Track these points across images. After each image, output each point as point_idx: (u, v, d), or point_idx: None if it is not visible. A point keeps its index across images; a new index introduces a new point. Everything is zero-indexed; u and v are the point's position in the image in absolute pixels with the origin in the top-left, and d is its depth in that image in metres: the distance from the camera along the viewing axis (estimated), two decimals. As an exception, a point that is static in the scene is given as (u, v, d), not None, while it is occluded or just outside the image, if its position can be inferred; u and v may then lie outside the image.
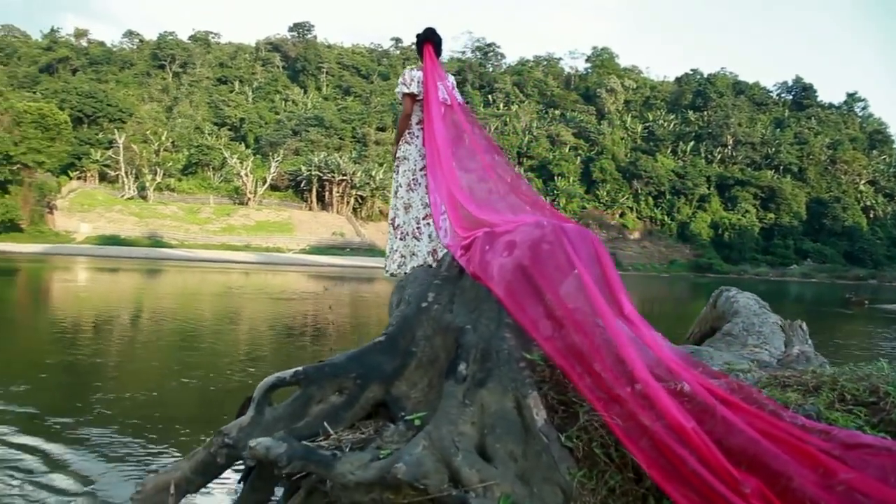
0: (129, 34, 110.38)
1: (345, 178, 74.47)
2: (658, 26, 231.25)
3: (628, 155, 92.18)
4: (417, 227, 4.68)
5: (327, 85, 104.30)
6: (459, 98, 4.84)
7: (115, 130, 74.26)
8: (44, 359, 9.63)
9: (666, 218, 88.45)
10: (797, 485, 2.15)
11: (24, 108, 60.90)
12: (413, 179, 4.70)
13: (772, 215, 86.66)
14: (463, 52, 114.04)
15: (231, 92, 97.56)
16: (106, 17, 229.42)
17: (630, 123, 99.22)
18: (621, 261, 78.54)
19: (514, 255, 3.02)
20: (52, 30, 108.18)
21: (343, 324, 15.59)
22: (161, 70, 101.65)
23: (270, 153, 78.48)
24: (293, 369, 3.29)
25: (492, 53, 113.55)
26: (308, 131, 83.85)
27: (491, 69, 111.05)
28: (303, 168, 75.93)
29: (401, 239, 4.76)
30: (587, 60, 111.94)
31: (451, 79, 4.93)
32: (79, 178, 74.14)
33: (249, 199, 74.55)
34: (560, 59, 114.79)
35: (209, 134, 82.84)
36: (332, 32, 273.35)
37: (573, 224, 3.36)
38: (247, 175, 74.62)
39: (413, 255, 4.65)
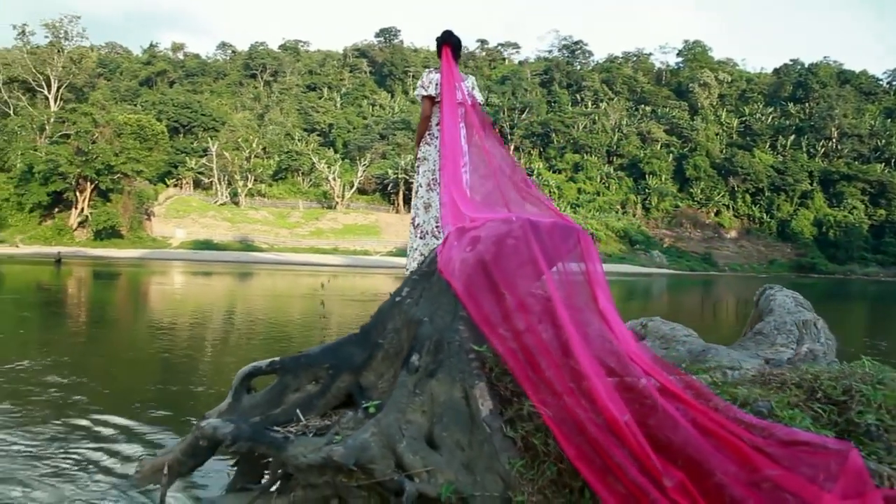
0: (223, 46, 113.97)
1: (431, 180, 74.28)
2: (754, 16, 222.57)
3: (723, 151, 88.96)
4: (437, 226, 4.72)
5: (413, 88, 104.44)
6: (480, 98, 4.90)
7: (209, 139, 76.56)
8: (141, 354, 9.92)
9: (765, 216, 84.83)
10: (720, 480, 2.17)
11: (125, 121, 63.40)
12: (433, 179, 4.78)
13: (882, 211, 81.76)
14: (550, 51, 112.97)
15: (320, 98, 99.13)
16: (201, 30, 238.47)
17: (725, 118, 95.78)
18: (717, 261, 75.68)
19: (477, 250, 2.99)
20: (151, 45, 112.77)
21: None
22: (253, 79, 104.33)
23: (358, 157, 79.27)
24: (270, 359, 3.44)
25: (579, 51, 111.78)
26: (395, 134, 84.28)
27: (579, 67, 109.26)
28: (389, 171, 76.31)
29: (420, 238, 4.82)
30: (679, 55, 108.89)
31: (471, 80, 4.98)
32: (175, 186, 76.65)
33: (337, 203, 75.45)
34: (650, 54, 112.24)
35: (299, 140, 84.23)
36: (418, 36, 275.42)
37: (556, 220, 3.30)
38: (335, 179, 75.58)
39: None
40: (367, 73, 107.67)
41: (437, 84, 4.84)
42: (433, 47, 5.25)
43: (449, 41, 4.93)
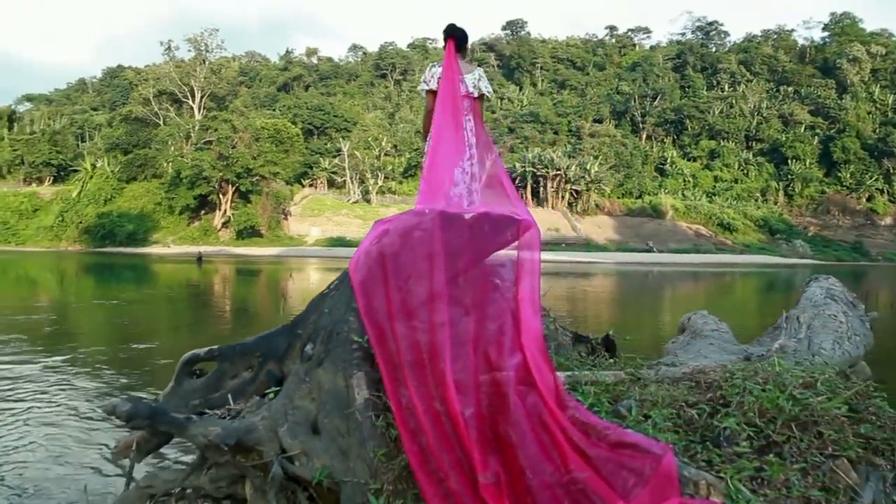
0: (354, 48, 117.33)
1: (559, 172, 73.39)
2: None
3: (877, 131, 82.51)
4: None
5: (542, 80, 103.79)
6: (488, 90, 4.75)
7: (341, 139, 78.88)
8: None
9: (926, 200, 78.12)
10: (530, 482, 2.18)
11: (262, 125, 66.41)
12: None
13: None
14: (682, 34, 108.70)
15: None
16: (333, 34, 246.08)
17: (878, 95, 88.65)
18: (868, 250, 70.38)
19: (381, 243, 2.98)
20: (287, 51, 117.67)
21: (560, 318, 14.81)
22: (383, 79, 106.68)
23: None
24: (208, 347, 3.60)
25: (714, 32, 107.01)
26: (523, 128, 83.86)
27: (714, 49, 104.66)
28: (517, 165, 75.94)
29: None
30: (824, 29, 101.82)
31: (478, 72, 4.82)
32: (310, 186, 79.50)
33: (466, 197, 75.63)
34: (792, 30, 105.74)
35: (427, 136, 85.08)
36: (546, 27, 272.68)
37: (503, 212, 3.29)
38: (462, 174, 75.87)
39: None
40: (494, 66, 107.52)
41: (439, 78, 4.68)
42: (561, 37, 5.00)
43: (453, 34, 4.79)
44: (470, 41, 5.11)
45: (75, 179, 76.78)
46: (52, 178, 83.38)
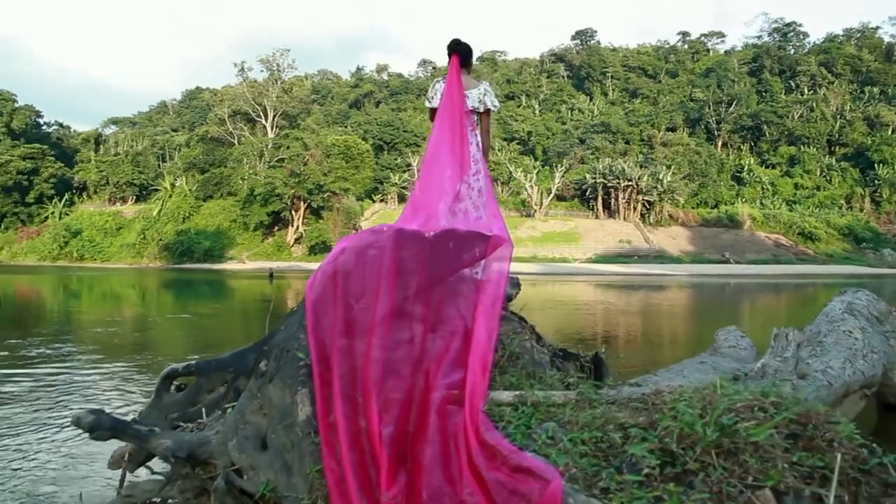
0: (423, 63, 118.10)
1: (630, 183, 72.06)
2: None
3: (971, 131, 78.26)
4: None
5: (613, 89, 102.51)
6: (494, 105, 4.91)
7: (411, 154, 79.41)
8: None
9: None
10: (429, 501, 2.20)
11: (333, 142, 67.47)
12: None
13: None
14: (759, 37, 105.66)
15: (518, 107, 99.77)
16: (403, 50, 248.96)
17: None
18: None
19: (337, 261, 2.95)
20: (358, 69, 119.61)
21: (632, 332, 14.47)
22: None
23: (555, 163, 78.66)
24: (186, 363, 3.72)
25: (792, 34, 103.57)
26: (593, 138, 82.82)
27: (792, 51, 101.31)
28: (587, 176, 74.98)
29: None
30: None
31: (484, 86, 4.97)
32: (381, 201, 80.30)
33: (535, 210, 75.24)
34: (877, 28, 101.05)
35: (499, 150, 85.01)
36: (616, 35, 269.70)
37: (469, 229, 3.32)
38: (532, 187, 75.51)
39: None
40: (564, 77, 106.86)
41: (441, 95, 4.81)
42: (632, 45, 4.89)
43: (457, 49, 4.90)
44: (541, 52, 5.00)
45: (156, 198, 79.81)
46: (134, 197, 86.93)
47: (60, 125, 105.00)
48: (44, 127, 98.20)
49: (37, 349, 10.77)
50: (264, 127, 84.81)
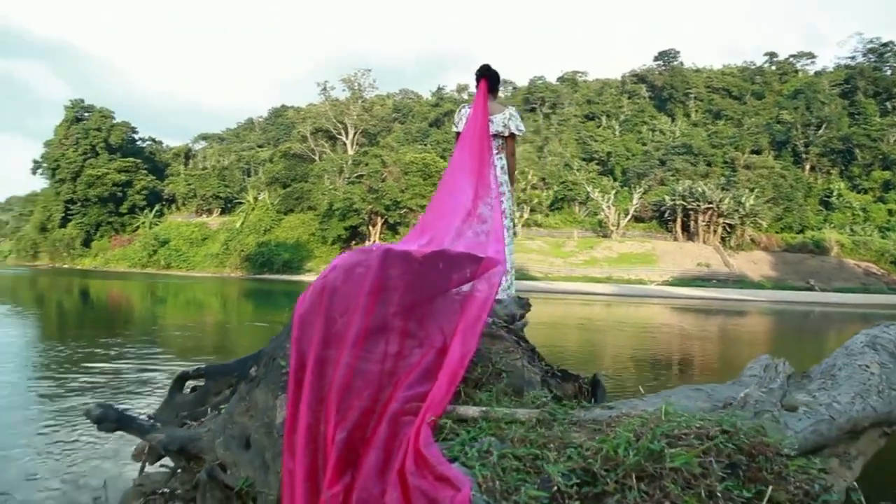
0: (503, 83, 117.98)
1: (711, 206, 70.43)
2: None
3: None
4: None
5: (696, 110, 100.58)
6: (518, 129, 5.13)
7: (488, 172, 79.55)
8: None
9: None
10: None
11: (411, 160, 68.45)
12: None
13: None
14: (852, 58, 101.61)
15: (598, 127, 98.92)
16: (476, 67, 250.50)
17: None
18: None
19: (327, 278, 3.05)
20: (439, 88, 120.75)
21: (696, 356, 14.24)
22: (532, 112, 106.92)
23: (634, 185, 77.63)
24: (197, 366, 3.93)
25: (889, 54, 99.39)
26: (674, 160, 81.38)
27: (889, 72, 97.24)
28: (666, 198, 73.67)
29: None
30: None
31: (509, 111, 5.19)
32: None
33: (612, 231, 74.35)
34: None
35: (577, 169, 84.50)
36: (700, 56, 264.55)
37: (464, 251, 3.44)
38: (609, 207, 74.70)
39: None
40: (645, 98, 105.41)
41: (466, 119, 5.00)
42: (717, 66, 5.06)
43: (485, 75, 5.13)
44: (622, 73, 5.13)
45: (239, 211, 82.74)
46: (220, 209, 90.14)
47: (153, 140, 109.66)
48: (138, 142, 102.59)
49: (119, 347, 11.26)
50: (344, 144, 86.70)
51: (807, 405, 3.21)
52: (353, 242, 70.70)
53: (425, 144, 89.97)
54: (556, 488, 2.05)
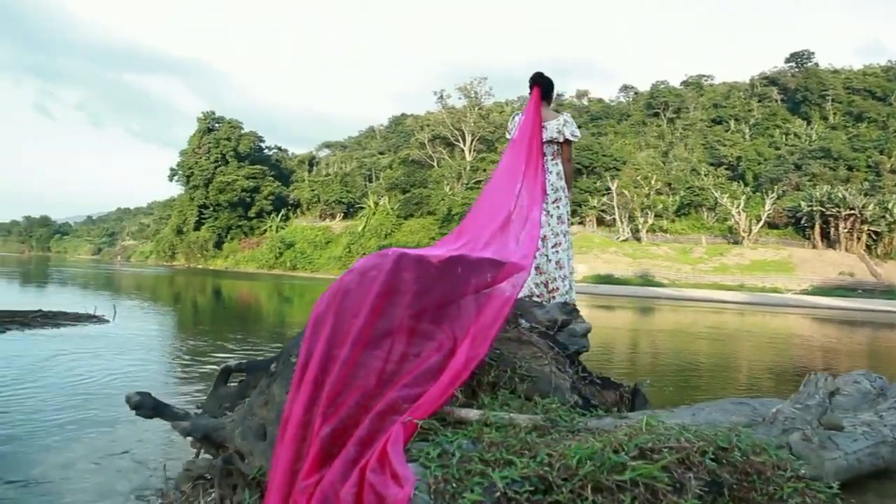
0: (625, 88, 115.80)
1: (853, 212, 65.87)
2: None
3: None
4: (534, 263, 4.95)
5: (834, 113, 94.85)
6: (573, 135, 5.15)
7: (609, 178, 77.85)
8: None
9: None
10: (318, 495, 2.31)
11: (530, 163, 67.51)
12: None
13: None
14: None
15: (726, 131, 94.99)
16: (604, 75, 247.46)
17: None
18: None
19: (343, 280, 3.07)
20: (558, 95, 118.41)
21: (840, 370, 13.11)
22: (655, 118, 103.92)
23: (767, 190, 73.77)
24: (239, 361, 4.03)
25: None
26: (810, 164, 76.88)
27: None
28: (802, 203, 69.53)
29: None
30: None
31: (562, 118, 5.20)
32: (580, 224, 79.23)
33: (743, 237, 70.88)
34: None
35: (704, 175, 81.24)
36: (836, 56, 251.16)
37: (472, 256, 3.39)
38: (739, 213, 71.34)
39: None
40: (777, 101, 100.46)
41: (518, 126, 5.12)
42: (856, 66, 4.41)
43: (538, 82, 5.21)
44: (751, 75, 4.95)
45: (361, 215, 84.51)
46: (342, 214, 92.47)
47: (279, 149, 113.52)
48: (265, 150, 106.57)
49: (240, 343, 11.47)
50: (462, 150, 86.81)
51: (869, 425, 2.89)
52: (473, 247, 70.52)
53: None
54: (497, 494, 1.98)
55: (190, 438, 3.58)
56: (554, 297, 5.03)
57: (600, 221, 79.46)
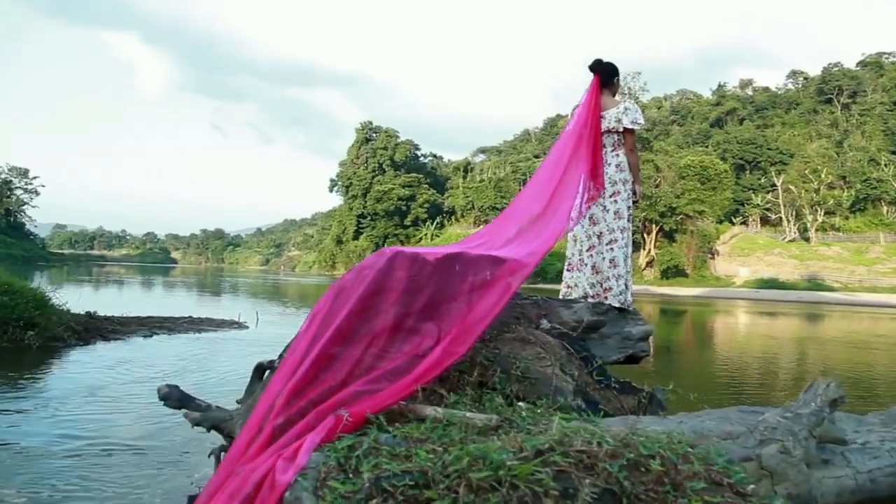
0: (793, 74, 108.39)
1: None
2: None
3: None
4: (580, 259, 4.91)
5: None
6: (633, 122, 4.91)
7: (775, 174, 73.37)
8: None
9: None
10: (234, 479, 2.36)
11: (687, 163, 64.85)
12: (578, 212, 4.80)
13: None
14: None
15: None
16: (769, 62, 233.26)
17: None
18: None
19: (344, 278, 3.15)
20: (720, 86, 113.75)
21: None
22: (828, 104, 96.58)
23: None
24: (271, 359, 3.84)
25: None
26: None
27: None
28: None
29: (567, 270, 5.00)
30: None
31: (623, 105, 4.98)
32: (741, 224, 75.25)
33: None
34: None
35: (885, 165, 74.49)
36: None
37: (471, 254, 3.33)
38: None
39: (575, 286, 4.91)
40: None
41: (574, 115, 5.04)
42: None
43: (597, 69, 5.00)
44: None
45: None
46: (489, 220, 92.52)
47: (435, 156, 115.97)
48: (420, 158, 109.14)
49: None
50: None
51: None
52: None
53: (706, 146, 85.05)
54: (368, 485, 1.99)
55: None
56: (607, 298, 4.79)
57: (764, 221, 75.05)
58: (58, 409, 5.74)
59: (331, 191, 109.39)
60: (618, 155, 4.91)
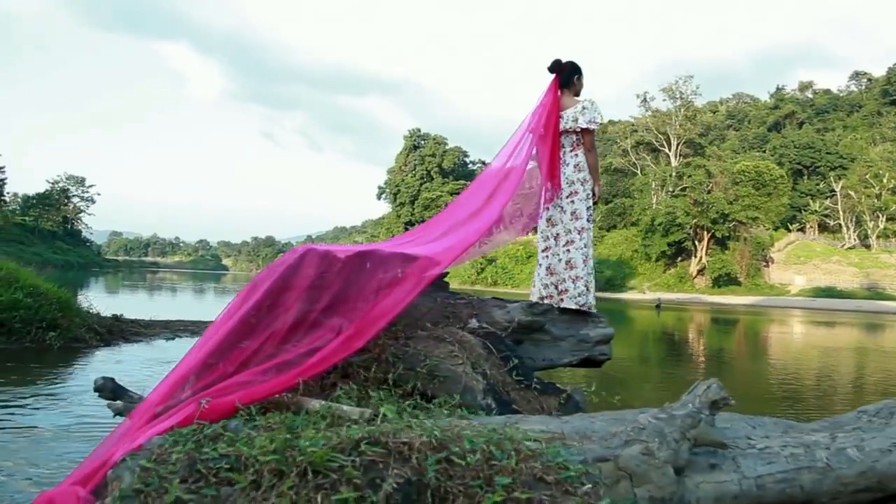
0: (856, 76, 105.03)
1: None
2: None
3: None
4: (538, 261, 5.08)
5: None
6: (594, 121, 4.83)
7: (834, 179, 71.00)
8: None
9: None
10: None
11: (741, 169, 63.09)
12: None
13: None
14: None
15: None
16: (831, 63, 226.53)
17: None
18: None
19: (260, 275, 3.20)
20: (778, 88, 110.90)
21: None
22: (893, 106, 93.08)
23: None
24: None
25: None
26: None
27: None
28: None
29: (538, 267, 5.06)
30: None
31: (582, 104, 4.89)
32: (798, 230, 72.94)
33: None
34: None
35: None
36: None
37: (384, 251, 3.41)
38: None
39: (536, 284, 5.00)
40: None
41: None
42: None
43: (556, 69, 4.96)
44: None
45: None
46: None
47: (483, 163, 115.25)
48: (469, 165, 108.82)
49: None
50: (667, 156, 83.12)
51: (807, 447, 2.55)
52: (679, 259, 67.11)
53: (763, 151, 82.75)
54: (199, 470, 2.05)
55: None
56: (563, 300, 4.75)
57: (822, 227, 72.88)
58: (72, 401, 5.94)
59: (378, 198, 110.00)
60: (576, 155, 4.90)
